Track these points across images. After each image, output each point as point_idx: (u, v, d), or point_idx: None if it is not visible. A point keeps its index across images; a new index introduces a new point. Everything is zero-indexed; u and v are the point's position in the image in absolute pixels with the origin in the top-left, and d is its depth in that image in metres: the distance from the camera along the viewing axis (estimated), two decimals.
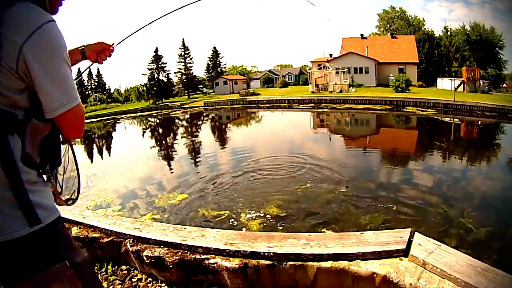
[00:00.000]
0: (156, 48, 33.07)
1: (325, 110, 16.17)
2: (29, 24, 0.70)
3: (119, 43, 1.12)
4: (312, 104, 18.54)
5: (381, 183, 4.21)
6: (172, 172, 5.57)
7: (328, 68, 24.65)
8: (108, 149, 10.52)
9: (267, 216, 3.27)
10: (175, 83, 35.66)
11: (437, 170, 4.87)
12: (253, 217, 3.26)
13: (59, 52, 0.75)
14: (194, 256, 1.54)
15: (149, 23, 1.25)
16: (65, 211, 2.28)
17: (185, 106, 24.78)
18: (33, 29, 0.70)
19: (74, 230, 2.00)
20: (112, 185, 4.68)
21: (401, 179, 4.42)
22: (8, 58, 0.69)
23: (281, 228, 3.01)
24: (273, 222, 3.13)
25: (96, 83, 52.46)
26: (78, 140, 13.78)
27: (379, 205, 3.42)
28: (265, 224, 3.13)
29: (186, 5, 1.37)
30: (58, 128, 0.84)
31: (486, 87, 21.43)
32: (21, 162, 0.75)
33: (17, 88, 0.74)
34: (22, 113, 0.76)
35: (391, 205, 3.40)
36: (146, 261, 1.61)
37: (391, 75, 24.79)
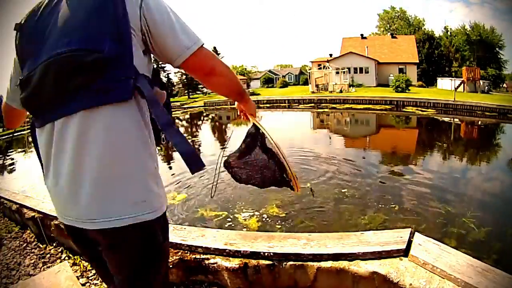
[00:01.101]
0: None
1: (325, 110, 16.17)
2: None
3: None
4: (312, 104, 18.53)
5: (381, 182, 4.21)
6: (171, 172, 5.57)
7: (328, 68, 24.64)
8: None
9: (267, 216, 3.27)
10: (175, 83, 35.64)
11: (438, 170, 4.87)
12: (253, 217, 3.26)
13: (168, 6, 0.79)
14: (194, 256, 1.54)
15: None
16: None
17: (185, 106, 24.77)
18: None
19: None
20: None
21: (402, 178, 4.41)
22: (133, 17, 0.72)
23: (281, 228, 3.01)
24: (273, 222, 3.13)
25: None
26: None
27: (379, 205, 3.42)
28: (265, 224, 3.13)
29: None
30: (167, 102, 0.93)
31: (486, 87, 21.45)
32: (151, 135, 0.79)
33: (141, 51, 0.76)
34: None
35: (392, 205, 3.40)
36: None
37: (391, 75, 24.80)
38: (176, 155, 7.76)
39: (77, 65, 0.67)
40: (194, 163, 0.71)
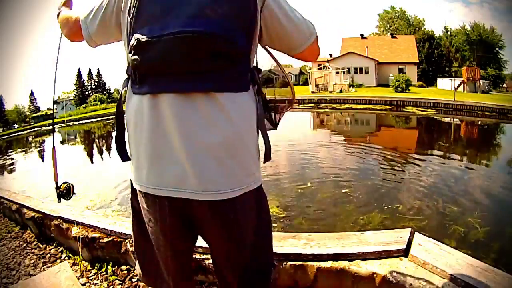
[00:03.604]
0: None
1: (325, 110, 16.17)
2: None
3: None
4: (312, 104, 18.52)
5: (382, 182, 4.21)
6: None
7: (328, 68, 24.64)
8: (108, 149, 10.52)
9: None
10: None
11: (437, 169, 4.86)
12: None
13: None
14: (194, 256, 1.54)
15: None
16: (65, 211, 2.28)
17: None
18: None
19: (74, 230, 2.00)
20: (112, 185, 4.68)
21: (402, 178, 4.42)
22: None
23: (280, 227, 3.01)
24: (273, 222, 3.13)
25: (96, 83, 52.54)
26: (78, 140, 13.77)
27: (379, 204, 3.42)
28: None
29: None
30: None
31: (486, 87, 21.45)
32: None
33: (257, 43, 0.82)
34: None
35: (392, 205, 3.40)
36: None
37: (391, 75, 24.79)
38: None
39: (214, 49, 0.69)
40: (269, 156, 0.86)
